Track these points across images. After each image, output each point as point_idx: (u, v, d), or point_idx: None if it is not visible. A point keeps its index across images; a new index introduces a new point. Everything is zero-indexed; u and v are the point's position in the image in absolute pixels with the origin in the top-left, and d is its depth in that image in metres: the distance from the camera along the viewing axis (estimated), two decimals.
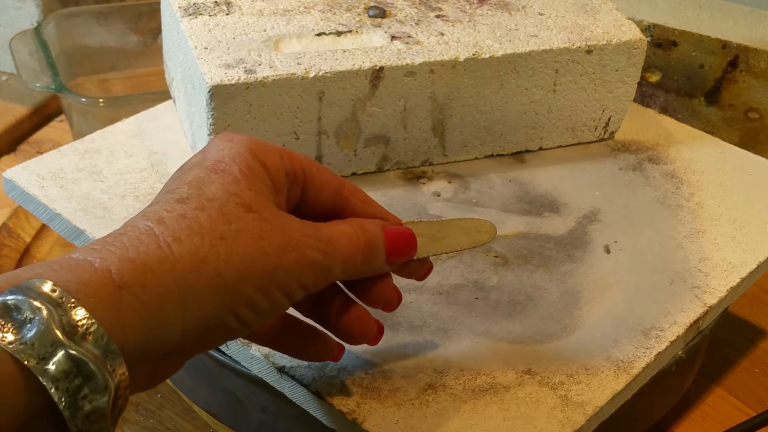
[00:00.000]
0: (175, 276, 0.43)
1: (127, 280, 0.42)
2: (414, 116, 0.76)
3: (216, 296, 0.45)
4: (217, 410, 0.72)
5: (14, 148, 1.10)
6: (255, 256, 0.46)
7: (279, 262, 0.47)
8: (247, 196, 0.48)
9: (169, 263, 0.44)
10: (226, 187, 0.48)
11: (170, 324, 0.44)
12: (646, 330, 0.64)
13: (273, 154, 0.51)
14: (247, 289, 0.46)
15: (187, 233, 0.45)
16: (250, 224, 0.47)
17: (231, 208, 0.47)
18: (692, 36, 0.99)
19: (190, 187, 0.47)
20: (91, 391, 0.39)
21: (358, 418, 0.55)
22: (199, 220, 0.46)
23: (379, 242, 0.53)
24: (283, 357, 0.59)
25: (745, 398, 0.81)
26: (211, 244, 0.45)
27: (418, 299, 0.65)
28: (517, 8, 0.82)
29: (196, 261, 0.44)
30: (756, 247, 0.73)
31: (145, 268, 0.43)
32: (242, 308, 0.46)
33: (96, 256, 0.43)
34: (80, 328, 0.39)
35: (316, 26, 0.76)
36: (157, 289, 0.43)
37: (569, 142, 0.84)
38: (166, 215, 0.46)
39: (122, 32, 1.15)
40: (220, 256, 0.45)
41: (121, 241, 0.44)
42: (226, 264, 0.45)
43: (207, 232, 0.45)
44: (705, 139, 0.86)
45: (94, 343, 0.40)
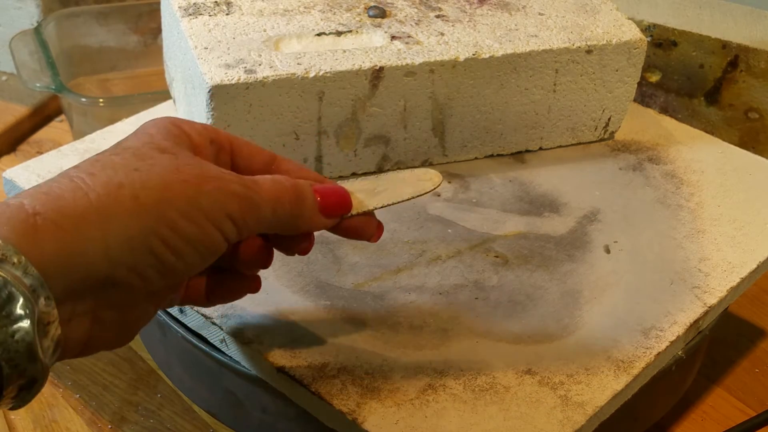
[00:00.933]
0: (91, 201, 0.44)
1: (40, 208, 0.43)
2: (414, 116, 0.76)
3: (136, 218, 0.45)
4: (217, 410, 0.72)
5: (14, 148, 1.10)
6: (173, 181, 0.46)
7: (199, 188, 0.47)
8: (163, 144, 0.49)
9: (82, 192, 0.44)
10: (140, 139, 0.49)
11: (91, 246, 0.43)
12: (646, 330, 0.64)
13: (195, 125, 0.52)
14: (169, 211, 0.46)
15: (99, 168, 0.46)
16: (165, 160, 0.47)
17: (145, 150, 0.48)
18: (692, 36, 0.99)
19: (109, 148, 0.49)
20: (12, 312, 0.39)
21: (358, 418, 0.55)
22: (113, 160, 0.47)
23: (307, 192, 0.53)
24: (283, 357, 0.59)
25: (745, 398, 0.81)
26: (125, 174, 0.46)
27: (418, 299, 0.65)
28: (517, 8, 0.82)
29: (111, 187, 0.45)
30: (756, 247, 0.73)
31: (58, 196, 0.44)
32: (167, 231, 0.46)
33: (11, 199, 0.44)
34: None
35: (316, 26, 0.76)
36: (72, 213, 0.43)
37: (569, 142, 0.84)
38: (82, 163, 0.47)
39: (122, 32, 1.15)
40: (136, 182, 0.45)
41: (38, 185, 0.45)
42: (142, 188, 0.45)
43: (121, 167, 0.46)
44: (705, 139, 0.86)
45: (11, 265, 0.40)
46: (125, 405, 0.76)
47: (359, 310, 0.64)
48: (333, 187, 0.55)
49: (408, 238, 0.71)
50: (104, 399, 0.77)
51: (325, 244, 0.70)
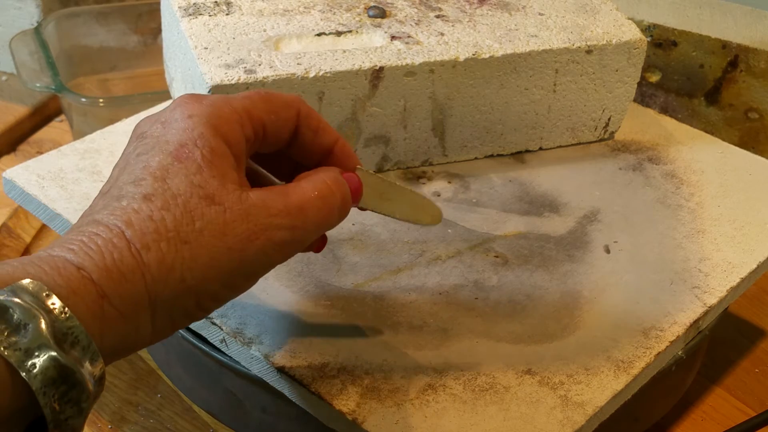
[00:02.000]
0: (146, 285, 0.45)
1: (107, 290, 0.44)
2: (414, 116, 0.76)
3: (182, 299, 0.47)
4: (217, 410, 0.72)
5: (14, 148, 1.10)
6: (218, 254, 0.47)
7: (243, 254, 0.48)
8: (210, 187, 0.48)
9: (140, 273, 0.45)
10: (189, 179, 0.48)
11: (143, 329, 0.46)
12: (646, 330, 0.64)
13: (234, 126, 0.51)
14: (212, 286, 0.48)
15: (154, 238, 0.46)
16: (213, 219, 0.48)
17: (194, 203, 0.48)
18: (692, 36, 0.99)
19: (155, 179, 0.48)
20: (74, 398, 0.41)
21: (358, 418, 0.55)
22: (165, 221, 0.47)
23: (348, 196, 0.54)
24: (283, 357, 0.59)
25: (745, 398, 0.81)
26: (176, 250, 0.46)
27: (418, 299, 0.65)
28: (517, 8, 0.82)
29: (163, 270, 0.46)
30: (756, 247, 0.73)
31: (121, 278, 0.45)
32: (207, 301, 0.48)
33: (77, 260, 0.44)
34: (69, 336, 0.41)
35: (316, 26, 0.76)
36: (132, 300, 0.45)
37: (569, 142, 0.84)
38: (134, 216, 0.47)
39: (122, 32, 1.15)
40: (185, 261, 0.46)
41: (97, 243, 0.45)
42: (189, 270, 0.46)
43: (172, 236, 0.46)
44: (705, 139, 0.86)
45: (81, 351, 0.42)
46: (125, 405, 0.76)
47: (359, 310, 0.64)
48: (354, 182, 0.55)
49: (408, 238, 0.71)
50: (104, 399, 0.77)
51: None
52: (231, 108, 0.51)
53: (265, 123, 0.52)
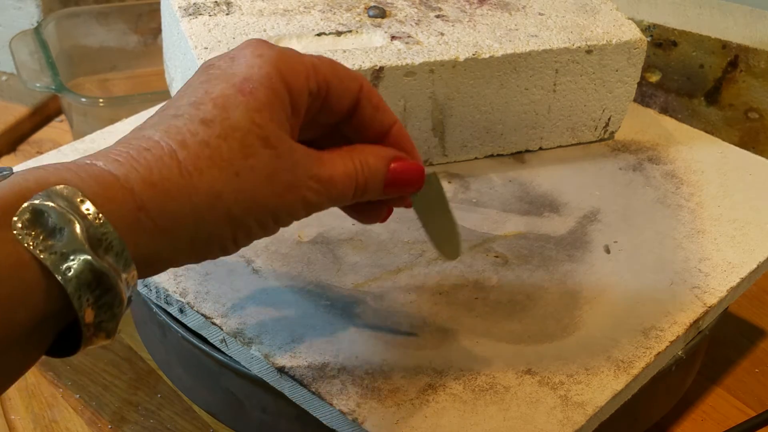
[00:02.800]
0: (192, 206, 0.46)
1: (147, 203, 0.44)
2: (414, 116, 0.76)
3: (223, 227, 0.48)
4: (217, 410, 0.72)
5: (14, 148, 1.10)
6: (263, 194, 0.49)
7: (281, 201, 0.50)
8: (267, 129, 0.49)
9: (187, 194, 0.46)
10: (249, 114, 0.49)
11: (179, 246, 0.47)
12: (646, 330, 0.64)
13: (300, 76, 0.51)
14: (250, 221, 0.49)
15: (207, 164, 0.47)
16: (265, 161, 0.49)
17: (251, 140, 0.48)
18: (692, 36, 0.99)
19: (215, 105, 0.48)
20: (108, 302, 0.42)
21: (359, 418, 0.55)
22: (221, 150, 0.47)
23: (379, 177, 0.54)
24: (283, 357, 0.59)
25: (745, 398, 0.81)
26: (227, 180, 0.47)
27: (418, 299, 0.65)
28: (517, 8, 0.82)
29: (212, 196, 0.47)
30: (756, 247, 0.73)
31: (165, 195, 0.45)
32: (242, 236, 0.49)
33: (121, 171, 0.45)
34: (104, 241, 0.42)
35: (316, 26, 0.76)
36: (173, 217, 0.46)
37: (569, 142, 0.84)
38: (190, 138, 0.47)
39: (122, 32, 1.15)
40: (233, 192, 0.47)
41: (146, 158, 0.46)
42: (236, 201, 0.48)
43: (226, 165, 0.47)
44: (705, 139, 0.86)
45: (114, 256, 0.42)
46: (125, 405, 0.76)
47: (359, 310, 0.64)
48: (412, 167, 0.55)
49: (408, 238, 0.71)
50: (104, 399, 0.77)
51: (325, 244, 0.70)
52: (300, 59, 0.52)
53: (329, 83, 0.53)
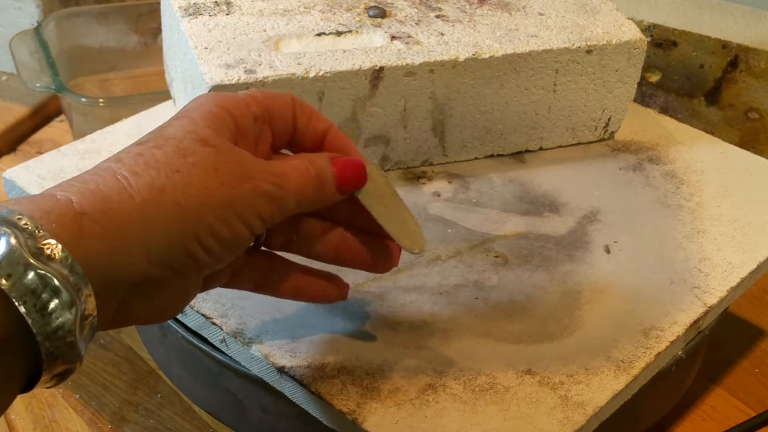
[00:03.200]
0: (135, 205, 0.46)
1: (87, 207, 0.44)
2: (414, 116, 0.76)
3: (177, 223, 0.47)
4: (217, 410, 0.72)
5: (14, 148, 1.10)
6: (211, 185, 0.48)
7: (234, 192, 0.49)
8: (203, 132, 0.50)
9: (127, 194, 0.46)
10: (183, 127, 0.50)
11: (133, 249, 0.45)
12: (646, 330, 0.64)
13: (240, 102, 0.53)
14: (208, 216, 0.48)
15: (143, 167, 0.47)
16: (206, 157, 0.49)
17: (187, 143, 0.49)
18: (692, 36, 0.99)
19: (150, 133, 0.50)
20: (58, 307, 0.41)
21: (359, 419, 0.55)
22: (155, 156, 0.48)
23: (328, 174, 0.54)
24: (283, 357, 0.59)
25: (745, 398, 0.81)
26: (167, 176, 0.47)
27: (418, 299, 0.65)
28: (517, 8, 0.82)
29: (154, 191, 0.46)
30: (756, 247, 0.73)
31: (104, 197, 0.45)
32: (205, 236, 0.48)
33: (58, 190, 0.45)
34: (45, 250, 0.42)
35: (316, 26, 0.76)
36: (117, 217, 0.45)
37: (569, 142, 0.84)
38: (124, 155, 0.48)
39: (122, 32, 1.15)
40: (177, 186, 0.47)
41: (82, 177, 0.47)
42: (183, 194, 0.47)
43: (163, 166, 0.47)
44: (705, 139, 0.86)
45: (59, 263, 0.42)
46: (125, 405, 0.76)
47: (359, 310, 0.64)
48: (351, 161, 0.56)
49: None
50: (104, 399, 0.77)
51: None
52: (235, 93, 0.53)
53: (268, 105, 0.54)
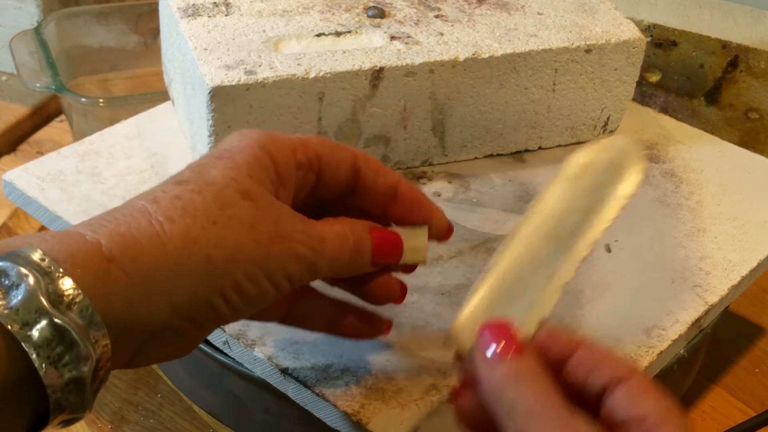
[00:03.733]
0: (166, 254, 0.44)
1: (116, 253, 0.43)
2: (414, 116, 0.76)
3: (205, 277, 0.45)
4: (219, 411, 0.72)
5: (14, 148, 1.10)
6: (245, 242, 0.47)
7: (268, 251, 0.47)
8: (245, 183, 0.48)
9: (159, 241, 0.44)
10: (226, 172, 0.48)
11: (157, 300, 0.44)
12: (648, 329, 0.64)
13: (284, 147, 0.51)
14: (236, 273, 0.46)
15: (180, 213, 0.45)
16: (244, 211, 0.47)
17: (228, 193, 0.47)
18: (692, 36, 0.99)
19: (191, 171, 0.48)
20: (72, 360, 0.40)
21: (363, 419, 0.56)
22: (194, 202, 0.46)
23: (366, 244, 0.53)
24: (287, 359, 0.59)
25: (745, 398, 0.81)
26: (202, 227, 0.45)
27: (420, 300, 0.65)
28: (515, 8, 0.82)
29: (188, 241, 0.45)
30: (756, 245, 0.73)
31: (135, 243, 0.44)
32: (230, 292, 0.46)
33: (88, 230, 0.44)
34: (66, 297, 0.40)
35: (316, 27, 0.76)
36: (145, 265, 0.43)
37: (569, 141, 0.84)
38: (161, 195, 0.46)
39: (122, 32, 1.15)
40: (211, 239, 0.45)
41: (114, 216, 0.45)
42: (216, 247, 0.45)
43: (200, 215, 0.46)
44: (704, 138, 0.86)
45: (78, 313, 0.40)
46: (125, 405, 0.77)
47: None
48: (389, 237, 0.54)
49: None
50: (104, 399, 0.77)
51: None
52: (285, 135, 0.51)
53: (320, 154, 0.52)
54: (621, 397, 0.43)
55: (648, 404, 0.42)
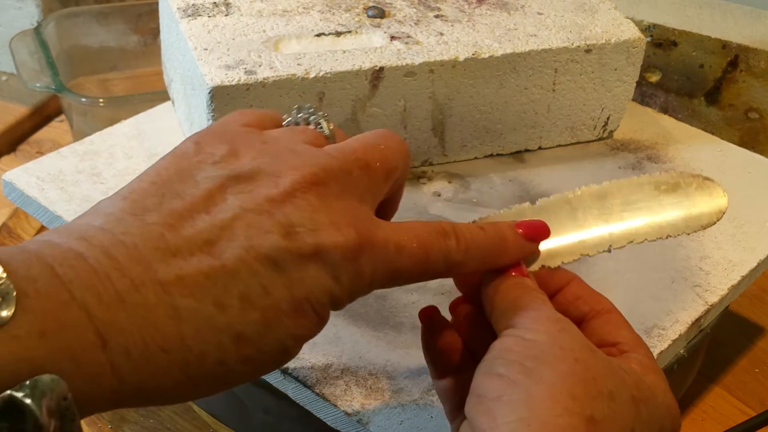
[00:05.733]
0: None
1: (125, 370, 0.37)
2: (414, 116, 0.76)
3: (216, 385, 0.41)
4: (219, 411, 0.72)
5: (14, 148, 1.10)
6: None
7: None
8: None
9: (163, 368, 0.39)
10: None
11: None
12: (648, 329, 0.64)
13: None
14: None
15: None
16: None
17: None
18: (692, 36, 0.99)
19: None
20: None
21: (363, 419, 0.56)
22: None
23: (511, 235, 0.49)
24: None
25: (745, 398, 0.81)
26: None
27: (420, 300, 0.65)
28: (515, 8, 0.82)
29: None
30: (756, 245, 0.73)
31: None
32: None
33: (94, 335, 0.37)
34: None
35: (316, 27, 0.76)
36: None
37: (568, 141, 0.84)
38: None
39: (122, 32, 1.15)
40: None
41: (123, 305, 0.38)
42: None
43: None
44: (704, 138, 0.86)
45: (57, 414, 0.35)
46: None
47: (362, 311, 0.64)
48: (534, 221, 0.51)
49: None
50: None
51: None
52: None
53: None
54: (599, 325, 0.49)
55: (622, 334, 0.48)
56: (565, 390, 0.41)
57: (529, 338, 0.43)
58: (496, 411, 0.41)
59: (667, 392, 0.46)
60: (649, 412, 0.44)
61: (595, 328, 0.48)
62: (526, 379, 0.41)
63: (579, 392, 0.41)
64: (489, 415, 0.41)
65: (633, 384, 0.44)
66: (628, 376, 0.44)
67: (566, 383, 0.41)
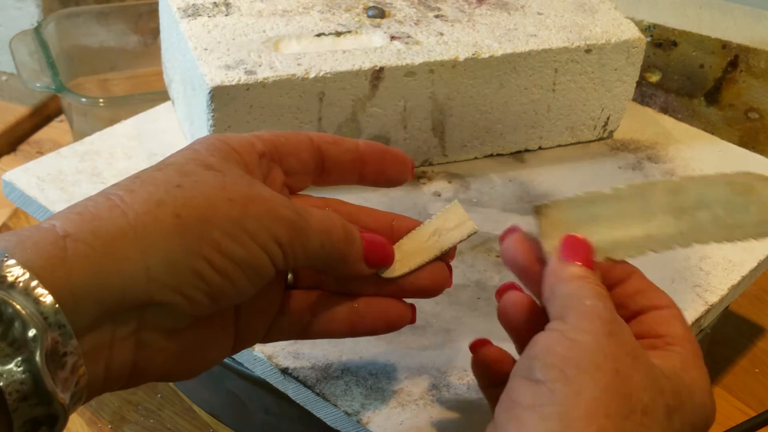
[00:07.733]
0: (128, 220, 0.42)
1: (71, 229, 0.41)
2: (414, 116, 0.76)
3: (178, 238, 0.42)
4: (219, 411, 0.72)
5: (14, 148, 1.10)
6: (217, 200, 0.44)
7: (245, 209, 0.44)
8: (208, 160, 0.46)
9: (119, 210, 0.42)
10: (184, 154, 0.46)
11: (129, 267, 0.41)
12: None
13: (243, 139, 0.49)
14: (213, 231, 0.43)
15: (139, 184, 0.43)
16: (210, 177, 0.45)
17: (190, 167, 0.45)
18: (692, 36, 0.99)
19: (151, 164, 0.47)
20: (17, 339, 0.37)
21: (363, 419, 0.56)
22: (154, 176, 0.44)
23: (356, 235, 0.50)
24: (287, 358, 0.59)
25: (745, 398, 0.81)
26: (166, 191, 0.43)
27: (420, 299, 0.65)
28: (515, 8, 0.82)
29: (151, 204, 0.42)
30: (756, 245, 0.73)
31: (93, 216, 0.42)
32: (213, 252, 0.43)
33: (44, 222, 0.42)
34: (9, 277, 0.38)
35: (316, 27, 0.76)
36: (106, 233, 0.41)
37: (568, 141, 0.84)
38: (122, 180, 0.45)
39: (122, 32, 1.15)
40: (178, 198, 0.43)
41: (72, 205, 0.43)
42: (184, 206, 0.43)
43: (161, 183, 0.44)
44: (703, 138, 0.86)
45: (22, 294, 0.38)
46: (125, 405, 0.77)
47: None
48: (379, 237, 0.52)
49: None
50: (104, 399, 0.77)
51: None
52: (238, 134, 0.50)
53: (276, 143, 0.50)
54: (653, 317, 0.49)
55: (673, 329, 0.48)
56: (602, 406, 0.41)
57: (574, 338, 0.43)
58: (526, 420, 0.41)
59: (705, 390, 0.46)
60: (683, 419, 0.44)
61: (649, 320, 0.49)
62: (564, 388, 0.41)
63: (613, 410, 0.41)
64: (519, 422, 0.41)
65: (670, 392, 0.44)
66: (667, 382, 0.44)
67: (603, 398, 0.41)
